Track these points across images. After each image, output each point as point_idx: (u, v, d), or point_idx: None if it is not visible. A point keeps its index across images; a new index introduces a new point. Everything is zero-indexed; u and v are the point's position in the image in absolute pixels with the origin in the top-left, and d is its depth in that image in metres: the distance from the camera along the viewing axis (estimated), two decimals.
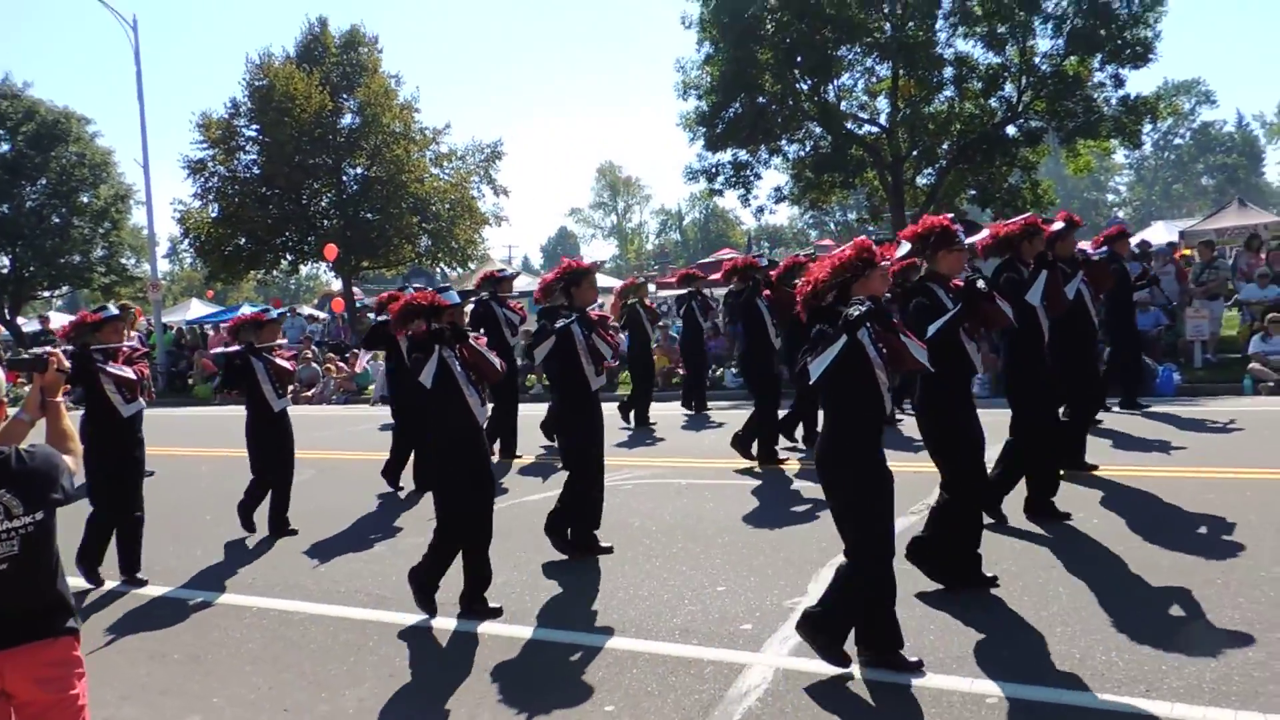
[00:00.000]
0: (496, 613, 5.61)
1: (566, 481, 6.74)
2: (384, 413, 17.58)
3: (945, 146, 23.43)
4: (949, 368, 5.09)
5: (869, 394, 4.32)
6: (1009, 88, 22.47)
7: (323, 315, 27.94)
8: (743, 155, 24.57)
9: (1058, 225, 7.10)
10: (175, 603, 6.42)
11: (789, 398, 10.35)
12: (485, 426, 5.77)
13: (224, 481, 10.19)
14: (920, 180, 24.53)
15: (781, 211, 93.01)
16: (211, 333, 29.76)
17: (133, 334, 7.10)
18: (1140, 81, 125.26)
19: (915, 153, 23.64)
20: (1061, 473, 6.95)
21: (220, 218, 31.23)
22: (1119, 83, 21.71)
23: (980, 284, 5.42)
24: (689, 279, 14.19)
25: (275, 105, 29.45)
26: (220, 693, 4.83)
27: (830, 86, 23.45)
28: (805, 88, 23.48)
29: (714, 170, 24.85)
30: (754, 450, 9.48)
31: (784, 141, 24.38)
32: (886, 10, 22.58)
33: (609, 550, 6.69)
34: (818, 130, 24.09)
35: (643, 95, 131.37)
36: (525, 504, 8.53)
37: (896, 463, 4.88)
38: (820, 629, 4.44)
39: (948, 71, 22.62)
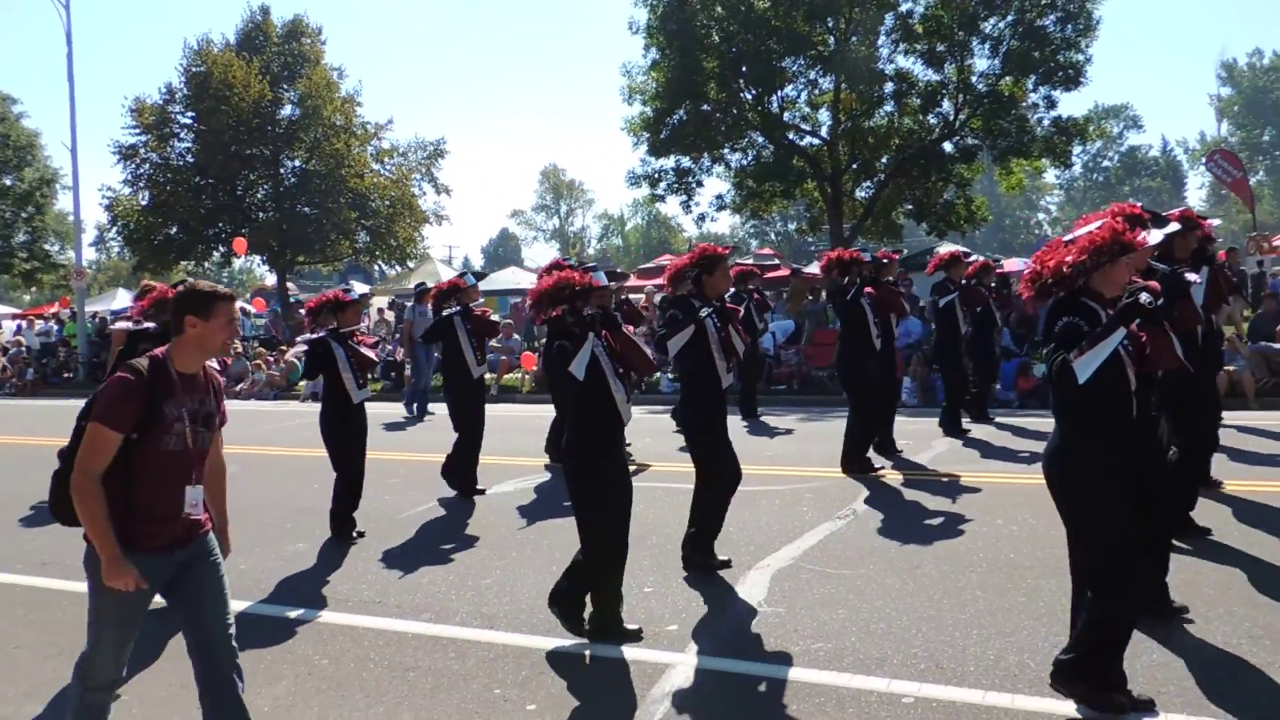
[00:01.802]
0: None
1: (700, 492, 6.16)
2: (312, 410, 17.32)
3: (884, 160, 23.89)
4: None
5: (1119, 395, 3.79)
6: (946, 105, 23.04)
7: (253, 310, 27.38)
8: (686, 162, 24.78)
9: (1173, 226, 6.41)
10: (84, 597, 6.20)
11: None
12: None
13: None
14: (859, 193, 24.95)
15: (723, 220, 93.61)
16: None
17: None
18: (1072, 104, 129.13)
19: (855, 165, 24.04)
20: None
21: (151, 206, 30.50)
22: (1051, 104, 22.47)
23: (1191, 277, 4.91)
24: (745, 276, 12.72)
25: (213, 93, 28.87)
26: (131, 690, 4.68)
27: (774, 97, 23.74)
28: (749, 97, 23.74)
29: (657, 176, 25.03)
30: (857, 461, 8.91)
31: (727, 150, 24.63)
32: (831, 24, 22.94)
33: (727, 564, 6.14)
34: (760, 140, 24.38)
35: (588, 98, 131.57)
36: (446, 503, 8.47)
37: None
38: (1074, 677, 3.90)
39: (888, 87, 23.11)
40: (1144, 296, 3.67)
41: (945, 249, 21.64)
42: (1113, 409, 3.79)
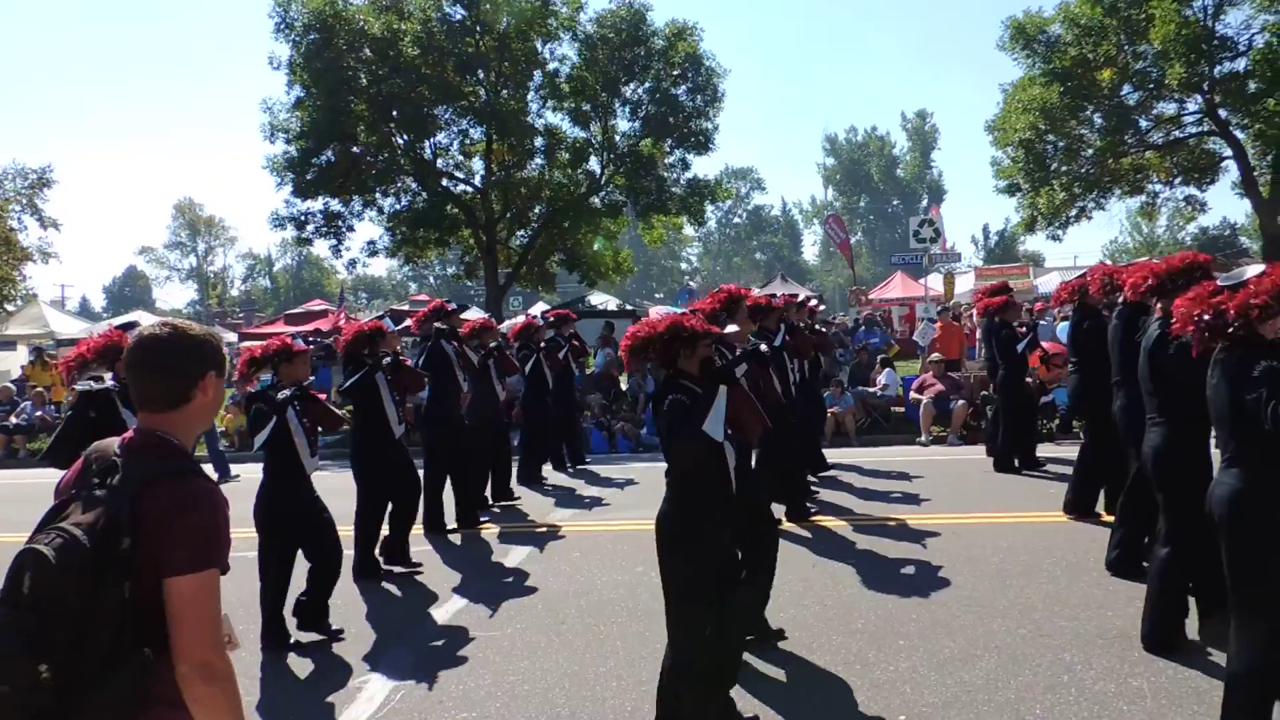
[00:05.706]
0: None
1: (758, 553, 5.31)
2: None
3: (536, 211, 24.61)
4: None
5: None
6: (594, 162, 24.24)
7: None
8: (335, 205, 23.89)
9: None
10: None
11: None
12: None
13: None
14: (514, 241, 25.47)
15: (378, 263, 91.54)
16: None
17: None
18: (705, 166, 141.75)
19: (508, 214, 24.53)
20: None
21: None
22: (685, 166, 24.47)
23: None
24: (564, 320, 12.39)
25: None
26: None
27: (427, 144, 23.64)
28: (402, 142, 23.46)
29: (304, 218, 23.89)
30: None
31: (379, 194, 24.10)
32: (481, 77, 23.33)
33: (782, 635, 5.48)
34: (414, 185, 24.15)
35: (229, 131, 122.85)
36: None
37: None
38: None
39: (538, 141, 23.88)
40: None
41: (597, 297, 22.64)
42: None
